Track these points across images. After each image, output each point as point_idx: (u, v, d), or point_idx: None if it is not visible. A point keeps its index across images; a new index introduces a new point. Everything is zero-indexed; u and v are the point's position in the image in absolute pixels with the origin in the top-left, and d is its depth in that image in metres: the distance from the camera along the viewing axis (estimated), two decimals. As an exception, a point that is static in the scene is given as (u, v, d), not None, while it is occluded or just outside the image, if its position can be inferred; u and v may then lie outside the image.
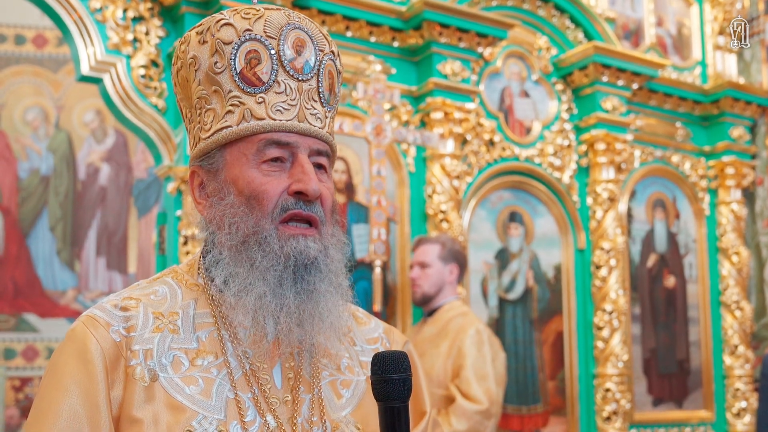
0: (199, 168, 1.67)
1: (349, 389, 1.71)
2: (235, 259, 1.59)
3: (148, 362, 1.54)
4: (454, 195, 5.61)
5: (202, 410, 1.52)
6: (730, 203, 7.19)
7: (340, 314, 1.65)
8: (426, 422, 1.80)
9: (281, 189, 1.59)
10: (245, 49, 1.60)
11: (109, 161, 10.54)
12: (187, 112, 1.73)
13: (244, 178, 1.59)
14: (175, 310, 1.63)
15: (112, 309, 1.59)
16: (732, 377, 7.06)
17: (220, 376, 1.57)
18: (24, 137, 10.31)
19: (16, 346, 9.87)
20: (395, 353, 1.47)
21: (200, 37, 1.64)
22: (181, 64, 1.69)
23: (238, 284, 1.58)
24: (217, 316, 1.63)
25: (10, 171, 10.24)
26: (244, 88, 1.60)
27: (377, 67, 5.37)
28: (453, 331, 4.61)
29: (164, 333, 1.58)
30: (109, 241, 10.41)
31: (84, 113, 10.45)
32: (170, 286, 1.68)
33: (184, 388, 1.53)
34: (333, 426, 1.63)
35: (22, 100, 10.32)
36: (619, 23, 6.96)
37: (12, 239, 10.13)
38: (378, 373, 1.45)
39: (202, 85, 1.64)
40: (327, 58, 1.68)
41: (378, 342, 1.85)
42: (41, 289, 10.11)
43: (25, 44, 10.38)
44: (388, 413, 1.43)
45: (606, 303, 6.29)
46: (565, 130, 6.45)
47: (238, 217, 1.59)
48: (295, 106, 1.61)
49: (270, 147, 1.60)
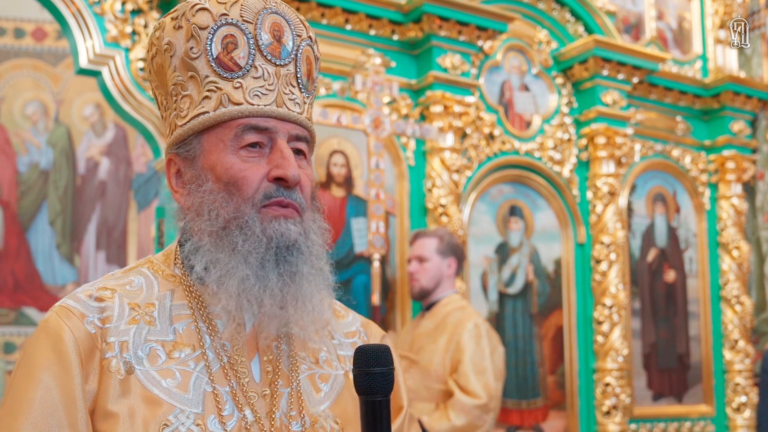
0: (176, 156, 1.64)
1: (328, 383, 1.69)
2: (216, 244, 1.56)
3: (124, 355, 1.50)
4: (454, 189, 5.60)
5: (179, 404, 1.49)
6: (731, 197, 7.18)
7: (323, 298, 1.62)
8: (403, 417, 1.78)
9: (261, 175, 1.56)
10: (221, 33, 1.57)
11: (108, 155, 10.52)
12: (162, 100, 1.69)
13: (222, 165, 1.56)
14: (152, 301, 1.59)
15: (87, 299, 1.55)
16: (732, 372, 7.05)
17: (197, 369, 1.54)
18: (23, 131, 10.29)
19: (15, 340, 9.87)
20: (378, 346, 1.44)
21: (175, 22, 1.61)
22: (156, 51, 1.65)
23: (220, 269, 1.54)
24: (195, 307, 1.60)
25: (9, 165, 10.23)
26: (221, 73, 1.57)
27: (377, 60, 5.36)
28: (451, 326, 4.59)
29: (140, 325, 1.54)
30: (108, 236, 10.40)
31: (83, 107, 10.44)
32: (146, 277, 1.64)
33: (160, 381, 1.50)
34: (312, 420, 1.61)
35: (22, 94, 10.31)
36: (620, 17, 6.94)
37: (12, 233, 10.12)
38: (360, 366, 1.42)
39: (177, 72, 1.61)
40: (305, 43, 1.65)
41: (356, 336, 1.81)
42: (41, 283, 10.10)
43: (24, 38, 10.36)
44: (369, 407, 1.41)
45: (606, 297, 6.29)
46: (565, 124, 6.44)
47: (217, 204, 1.55)
48: (273, 91, 1.59)
49: (248, 132, 1.57)
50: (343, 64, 5.47)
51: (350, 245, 5.42)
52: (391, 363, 1.44)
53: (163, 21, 1.64)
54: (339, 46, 5.49)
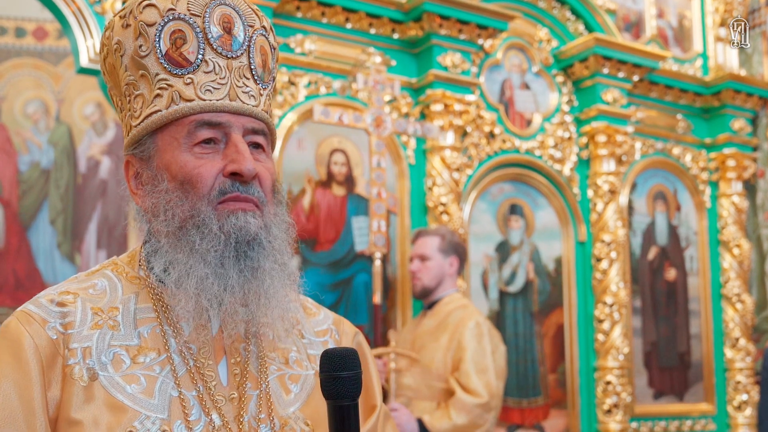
0: (132, 157, 1.61)
1: (298, 384, 1.65)
2: (174, 245, 1.52)
3: (87, 361, 1.46)
4: (455, 187, 5.60)
5: (144, 410, 1.46)
6: (731, 195, 7.17)
7: (286, 294, 1.59)
8: (377, 416, 1.74)
9: (216, 171, 1.52)
10: (169, 29, 1.53)
11: (109, 154, 10.51)
12: (117, 101, 1.66)
13: (176, 163, 1.53)
14: (115, 305, 1.55)
15: (48, 304, 1.51)
16: (733, 370, 7.05)
17: (163, 374, 1.50)
18: (24, 130, 10.29)
19: (16, 339, 9.86)
20: (344, 350, 1.41)
21: (123, 21, 1.57)
22: (107, 51, 1.62)
23: (178, 270, 1.51)
24: (159, 310, 1.56)
25: (10, 164, 10.23)
26: (171, 69, 1.53)
27: (377, 59, 5.36)
28: (453, 324, 4.59)
29: (104, 329, 1.51)
30: (109, 234, 10.40)
31: (84, 106, 10.43)
32: (110, 280, 1.60)
33: (125, 387, 1.46)
34: (281, 423, 1.57)
35: (23, 93, 10.30)
36: (620, 15, 6.93)
37: (12, 232, 10.12)
38: (327, 371, 1.39)
39: (129, 71, 1.58)
40: (257, 33, 1.61)
41: (327, 334, 1.77)
42: (42, 282, 10.09)
43: (25, 37, 10.36)
44: (337, 412, 1.39)
45: (607, 296, 6.29)
46: (565, 122, 6.44)
47: (173, 203, 1.52)
48: (225, 84, 1.55)
49: (201, 128, 1.53)
50: (343, 63, 5.47)
51: (351, 244, 5.42)
52: (357, 366, 1.41)
53: (112, 20, 1.61)
54: (339, 45, 5.49)
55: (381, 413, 1.76)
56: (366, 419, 1.72)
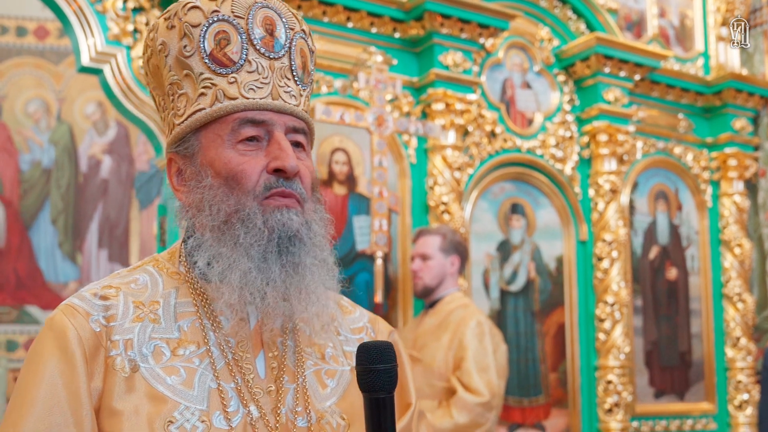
0: (175, 154, 1.65)
1: (334, 379, 1.69)
2: (218, 239, 1.56)
3: (129, 353, 1.50)
4: (456, 186, 5.60)
5: (183, 400, 1.49)
6: (733, 195, 7.17)
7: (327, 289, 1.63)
8: (411, 414, 1.77)
9: (260, 168, 1.56)
10: (214, 30, 1.58)
11: (110, 153, 10.52)
12: (160, 101, 1.70)
13: (220, 160, 1.57)
14: (156, 299, 1.59)
15: (92, 298, 1.55)
16: (734, 369, 7.05)
17: (202, 366, 1.54)
18: (25, 129, 10.30)
19: (18, 338, 9.88)
20: (381, 343, 1.44)
21: (168, 22, 1.62)
22: (151, 52, 1.66)
23: (222, 263, 1.55)
24: (199, 305, 1.60)
25: (11, 163, 10.23)
26: (215, 69, 1.58)
27: (378, 58, 5.36)
28: (454, 323, 4.60)
29: (145, 322, 1.55)
30: (111, 234, 10.41)
31: (85, 105, 10.44)
32: (151, 275, 1.64)
33: (165, 378, 1.50)
34: (318, 416, 1.61)
35: (24, 92, 10.31)
36: (622, 14, 6.93)
37: (14, 231, 10.12)
38: (363, 363, 1.42)
39: (173, 71, 1.62)
40: (297, 36, 1.66)
41: (363, 332, 1.81)
42: (43, 281, 10.11)
43: (26, 36, 10.36)
44: (373, 404, 1.41)
45: (608, 295, 6.28)
46: (567, 122, 6.44)
47: (218, 198, 1.56)
48: (267, 84, 1.59)
49: (245, 126, 1.57)
50: (344, 62, 5.47)
51: (352, 243, 5.42)
52: (394, 360, 1.43)
53: (156, 22, 1.65)
54: (340, 44, 5.49)
55: (416, 411, 1.79)
56: (401, 416, 1.74)
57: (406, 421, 1.75)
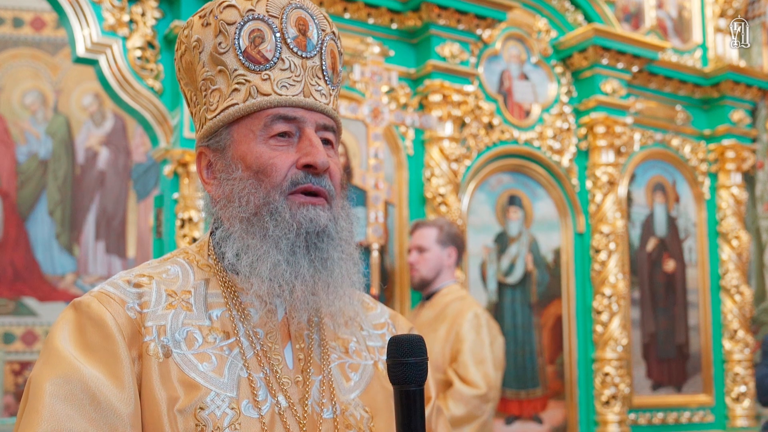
0: (206, 148, 1.70)
1: (357, 373, 1.73)
2: (248, 230, 1.60)
3: (162, 338, 1.54)
4: (453, 178, 5.59)
5: (214, 387, 1.53)
6: (731, 187, 7.16)
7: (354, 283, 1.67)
8: (431, 408, 1.82)
9: (290, 162, 1.61)
10: (249, 28, 1.63)
11: (107, 145, 10.51)
12: (192, 96, 1.75)
13: (252, 154, 1.61)
14: (188, 288, 1.63)
15: (125, 285, 1.59)
16: (731, 362, 7.06)
17: (232, 355, 1.58)
18: (22, 121, 10.27)
19: (15, 330, 9.87)
20: (412, 337, 1.47)
21: (203, 20, 1.67)
22: (185, 49, 1.71)
23: (251, 255, 1.59)
24: (228, 296, 1.64)
25: (8, 155, 10.21)
26: (249, 66, 1.63)
27: (375, 49, 5.34)
28: (451, 315, 4.59)
29: (177, 310, 1.59)
30: (108, 225, 10.39)
31: (82, 97, 10.42)
32: (182, 266, 1.68)
33: (197, 365, 1.54)
34: (342, 408, 1.65)
35: (20, 84, 10.29)
36: (619, 5, 6.92)
37: (11, 223, 10.11)
38: (395, 356, 1.44)
39: (206, 67, 1.67)
40: (328, 37, 1.72)
41: (384, 327, 1.86)
42: (40, 273, 10.10)
43: (23, 27, 10.33)
44: (404, 397, 1.43)
45: (605, 287, 6.28)
46: (564, 113, 6.42)
47: (247, 190, 1.60)
48: (300, 82, 1.64)
49: (277, 122, 1.62)
50: (344, 54, 5.45)
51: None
52: (424, 353, 1.46)
53: (191, 20, 1.71)
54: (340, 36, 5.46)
55: (435, 406, 1.84)
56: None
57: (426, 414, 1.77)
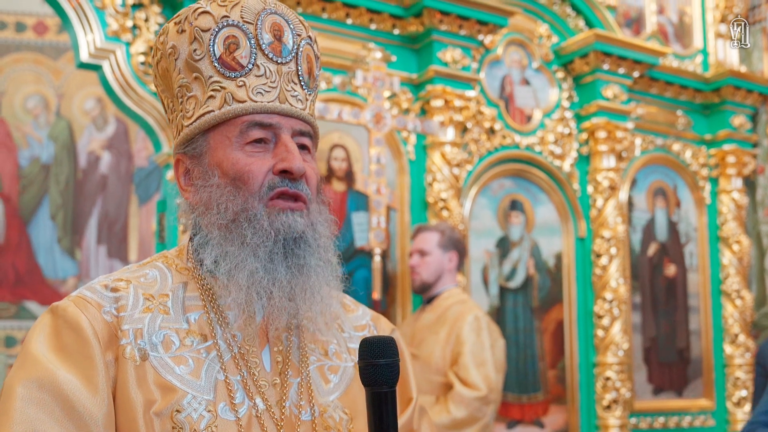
0: (183, 155, 1.70)
1: (337, 375, 1.73)
2: (226, 237, 1.60)
3: (138, 342, 1.53)
4: (455, 183, 5.60)
5: (191, 390, 1.53)
6: (731, 192, 7.17)
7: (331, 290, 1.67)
8: (412, 409, 1.81)
9: (266, 169, 1.61)
10: (223, 35, 1.62)
11: (109, 149, 10.53)
12: (168, 103, 1.75)
13: (228, 160, 1.61)
14: (165, 292, 1.63)
15: (102, 290, 1.59)
16: (732, 366, 7.06)
17: (209, 358, 1.58)
18: (25, 125, 10.30)
19: (16, 334, 9.88)
20: (383, 338, 1.47)
21: (178, 26, 1.66)
22: (160, 56, 1.71)
23: (229, 262, 1.59)
24: (206, 299, 1.64)
25: (10, 159, 10.23)
26: (224, 72, 1.62)
27: (377, 55, 5.35)
28: (452, 318, 4.61)
29: (154, 313, 1.58)
30: (110, 230, 10.41)
31: (85, 101, 10.44)
32: (160, 270, 1.68)
33: (174, 367, 1.54)
34: (321, 410, 1.64)
35: (23, 88, 10.31)
36: (620, 11, 6.93)
37: (13, 227, 10.13)
38: (365, 357, 1.45)
39: (182, 74, 1.66)
40: (304, 42, 1.71)
41: (365, 329, 1.86)
42: (42, 277, 10.11)
43: (25, 31, 10.36)
44: (375, 398, 1.44)
45: (606, 291, 6.29)
46: (565, 118, 6.44)
47: (225, 197, 1.60)
48: (275, 88, 1.64)
49: (253, 128, 1.62)
50: (343, 59, 5.47)
51: (351, 239, 5.43)
52: (395, 354, 1.46)
53: (166, 26, 1.70)
54: (339, 41, 5.49)
55: (417, 406, 1.83)
56: (402, 411, 1.79)
57: (407, 416, 1.78)
